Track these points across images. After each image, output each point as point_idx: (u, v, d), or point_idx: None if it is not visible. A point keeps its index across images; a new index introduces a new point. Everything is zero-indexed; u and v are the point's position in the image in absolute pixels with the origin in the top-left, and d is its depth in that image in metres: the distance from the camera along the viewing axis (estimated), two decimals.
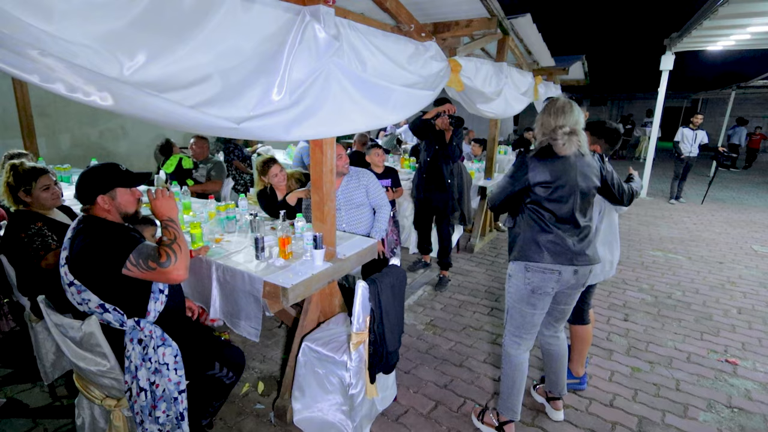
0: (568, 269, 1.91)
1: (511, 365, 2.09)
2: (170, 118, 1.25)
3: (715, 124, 15.10)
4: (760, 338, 3.11)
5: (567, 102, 1.89)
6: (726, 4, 4.50)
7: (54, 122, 5.38)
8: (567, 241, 1.89)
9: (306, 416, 2.16)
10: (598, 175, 1.94)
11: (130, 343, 1.61)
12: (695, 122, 7.35)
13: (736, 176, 11.05)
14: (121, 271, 1.55)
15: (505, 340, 2.13)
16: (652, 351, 2.94)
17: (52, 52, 1.03)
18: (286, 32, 1.63)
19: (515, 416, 2.12)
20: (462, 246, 4.97)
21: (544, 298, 1.97)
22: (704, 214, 6.88)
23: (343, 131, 1.98)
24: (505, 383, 2.12)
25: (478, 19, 3.42)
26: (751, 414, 2.34)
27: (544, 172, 1.85)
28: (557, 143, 1.83)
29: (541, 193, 1.88)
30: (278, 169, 3.13)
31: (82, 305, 1.60)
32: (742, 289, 3.98)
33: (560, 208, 1.88)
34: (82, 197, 1.68)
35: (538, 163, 1.87)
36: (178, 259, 1.53)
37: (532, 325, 2.04)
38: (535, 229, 1.93)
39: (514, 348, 2.09)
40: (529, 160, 1.89)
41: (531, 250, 1.93)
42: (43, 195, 2.21)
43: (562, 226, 1.90)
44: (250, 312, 2.16)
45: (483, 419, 2.21)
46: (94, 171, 1.71)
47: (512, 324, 2.07)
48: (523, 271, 1.96)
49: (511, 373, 2.09)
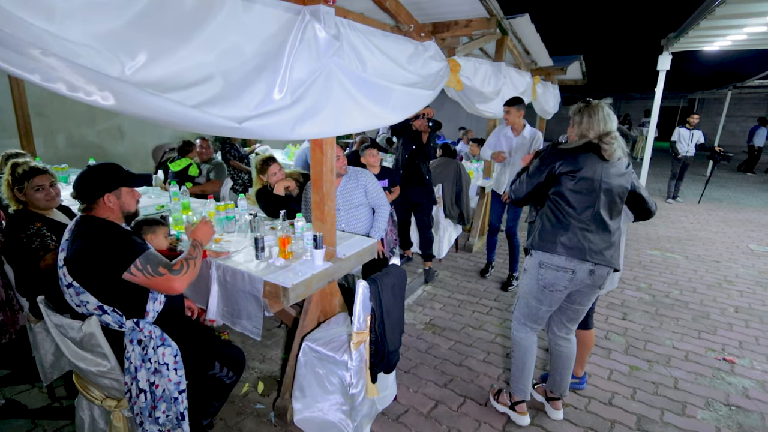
0: (582, 267, 1.93)
1: (520, 348, 2.20)
2: (172, 117, 1.25)
3: (711, 124, 15.16)
4: (757, 336, 3.13)
5: (610, 108, 1.95)
6: (723, 5, 4.52)
7: (51, 122, 5.35)
8: (587, 236, 1.91)
9: (306, 416, 2.16)
10: (627, 179, 1.96)
11: (130, 344, 1.60)
12: (692, 122, 7.39)
13: (733, 176, 11.09)
14: (121, 276, 1.55)
15: (513, 325, 2.24)
16: (651, 350, 2.95)
17: (53, 51, 1.03)
18: (286, 32, 1.63)
19: (526, 396, 2.24)
20: (461, 245, 4.98)
21: (554, 296, 2.01)
22: (701, 214, 6.91)
23: (344, 130, 1.98)
24: (516, 365, 2.23)
25: (477, 19, 3.43)
26: (748, 412, 2.36)
27: (571, 162, 1.91)
28: (607, 149, 1.87)
29: (566, 183, 1.93)
30: (277, 168, 3.13)
31: (81, 307, 1.60)
32: (739, 287, 4.01)
33: (583, 202, 1.91)
34: (85, 196, 1.68)
35: (567, 154, 1.93)
36: (187, 274, 1.64)
37: (538, 318, 2.12)
38: (554, 220, 1.97)
39: (522, 333, 2.19)
40: (557, 150, 1.96)
41: (547, 241, 1.97)
42: (36, 195, 2.19)
43: (584, 222, 1.92)
44: (251, 311, 2.16)
45: (498, 399, 2.35)
46: (98, 169, 1.71)
47: (520, 312, 2.18)
48: (537, 267, 2.02)
49: (520, 356, 2.21)
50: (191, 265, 1.68)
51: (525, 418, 2.24)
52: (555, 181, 1.97)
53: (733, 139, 17.10)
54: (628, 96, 19.68)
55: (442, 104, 9.73)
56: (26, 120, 4.27)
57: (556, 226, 1.96)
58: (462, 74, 3.24)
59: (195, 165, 4.30)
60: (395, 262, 2.24)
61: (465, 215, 4.61)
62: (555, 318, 2.19)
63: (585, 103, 1.97)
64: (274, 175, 3.11)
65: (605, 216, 1.93)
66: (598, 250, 1.92)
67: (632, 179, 1.99)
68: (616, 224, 1.98)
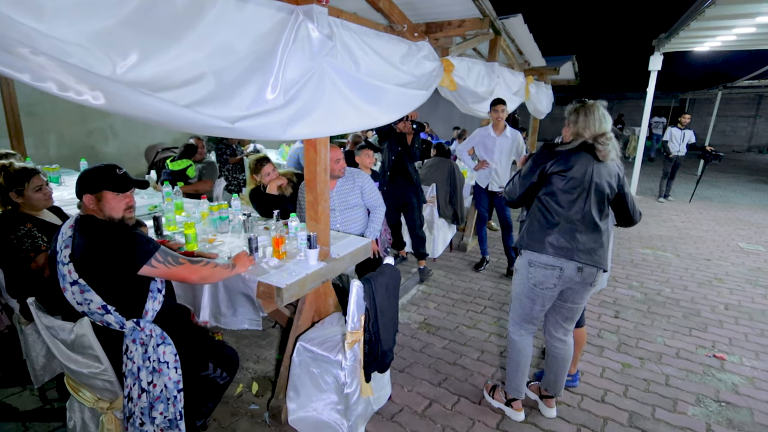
0: (570, 265, 1.94)
1: (516, 350, 2.23)
2: (164, 117, 1.24)
3: (702, 124, 15.33)
4: (747, 333, 3.18)
5: (605, 109, 1.95)
6: (712, 6, 4.59)
7: (42, 122, 5.29)
8: (575, 236, 1.92)
9: (301, 416, 2.15)
10: (617, 181, 1.97)
11: (132, 344, 1.60)
12: (683, 122, 7.47)
13: (724, 175, 11.23)
14: (137, 270, 1.59)
15: (509, 326, 2.26)
16: (642, 347, 2.98)
17: (43, 50, 1.02)
18: (279, 31, 1.63)
19: (520, 395, 2.28)
20: (455, 245, 4.99)
21: (545, 294, 2.03)
22: (692, 213, 6.99)
23: (338, 130, 1.98)
24: (511, 366, 2.26)
25: (471, 20, 3.44)
26: (738, 407, 2.39)
27: (562, 162, 1.92)
28: (602, 150, 1.88)
29: (556, 183, 1.94)
30: (271, 168, 3.12)
31: (82, 305, 1.58)
32: (728, 285, 4.06)
33: (572, 201, 1.92)
34: (76, 193, 1.69)
35: (559, 154, 1.94)
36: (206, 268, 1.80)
37: (532, 318, 2.14)
38: (542, 220, 1.99)
39: (518, 335, 2.21)
40: (549, 150, 1.98)
41: (535, 239, 1.99)
42: (36, 196, 2.18)
43: (573, 221, 1.93)
44: (248, 308, 2.16)
45: (494, 395, 2.39)
46: (90, 170, 1.70)
47: (515, 313, 2.20)
48: (526, 267, 2.04)
49: (515, 357, 2.23)
50: (212, 266, 1.83)
51: (520, 414, 2.27)
52: (546, 181, 1.98)
53: (723, 138, 17.32)
54: (620, 96, 19.84)
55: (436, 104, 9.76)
56: (16, 120, 4.21)
57: (545, 226, 1.98)
58: (455, 74, 3.25)
59: (193, 167, 4.29)
60: (389, 262, 2.25)
61: (459, 215, 4.63)
62: (551, 318, 2.20)
63: (581, 102, 1.97)
64: (267, 175, 3.10)
65: (596, 216, 1.94)
66: (585, 250, 1.93)
67: (622, 182, 2.00)
68: (606, 225, 1.99)
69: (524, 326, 2.18)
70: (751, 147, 17.21)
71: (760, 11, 4.79)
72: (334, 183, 2.91)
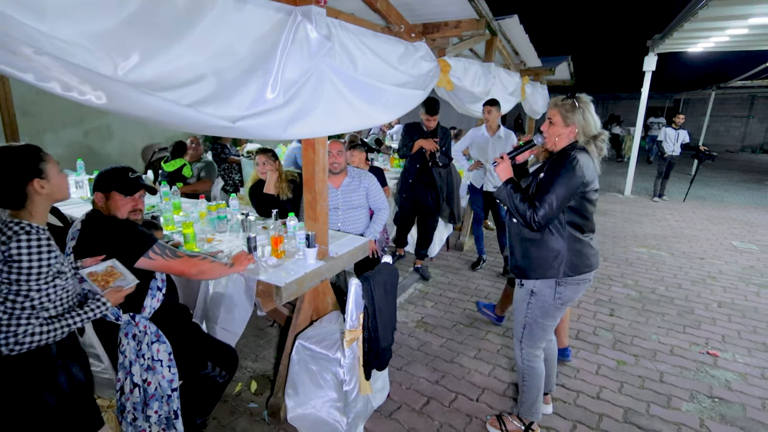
0: (593, 273, 1.91)
1: (536, 376, 2.05)
2: (166, 117, 1.25)
3: (696, 124, 15.45)
4: (740, 330, 3.22)
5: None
6: (705, 7, 4.64)
7: (37, 122, 5.26)
8: (593, 243, 1.90)
9: (300, 413, 2.17)
10: None
11: (125, 338, 1.61)
12: (677, 122, 7.54)
13: (717, 174, 11.33)
14: (135, 262, 1.60)
15: (523, 354, 2.04)
16: (637, 344, 3.02)
17: (46, 50, 1.03)
18: (278, 32, 1.64)
19: (539, 417, 2.14)
20: (452, 244, 5.02)
21: (565, 307, 1.94)
22: (686, 212, 7.06)
23: (336, 130, 2.00)
24: (531, 392, 2.08)
25: (467, 20, 3.47)
26: (731, 403, 2.43)
27: (588, 169, 1.76)
28: (603, 147, 1.81)
29: (587, 192, 1.78)
30: (263, 159, 3.09)
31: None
32: (722, 283, 4.11)
33: (593, 210, 1.85)
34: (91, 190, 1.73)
35: (586, 161, 1.76)
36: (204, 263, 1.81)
37: (548, 335, 2.02)
38: (573, 238, 1.82)
39: (536, 361, 2.04)
40: (579, 156, 1.75)
41: (584, 264, 1.84)
42: None
43: (592, 230, 1.90)
44: (243, 310, 2.17)
45: (505, 426, 2.16)
46: (106, 170, 1.77)
47: (531, 338, 2.00)
48: (553, 287, 1.87)
49: (536, 383, 2.06)
50: (209, 260, 1.84)
51: None
52: (581, 192, 1.77)
53: (717, 138, 17.47)
54: (615, 96, 19.97)
55: None
56: (12, 119, 4.19)
57: (579, 243, 1.83)
58: (452, 74, 3.28)
59: (188, 166, 4.28)
60: (387, 261, 2.27)
61: (455, 214, 4.65)
62: None
63: (575, 98, 1.81)
64: (258, 165, 3.10)
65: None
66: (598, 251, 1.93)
67: None
68: None
69: (540, 348, 2.04)
70: (745, 147, 17.38)
71: (752, 12, 4.85)
72: (340, 181, 2.93)
